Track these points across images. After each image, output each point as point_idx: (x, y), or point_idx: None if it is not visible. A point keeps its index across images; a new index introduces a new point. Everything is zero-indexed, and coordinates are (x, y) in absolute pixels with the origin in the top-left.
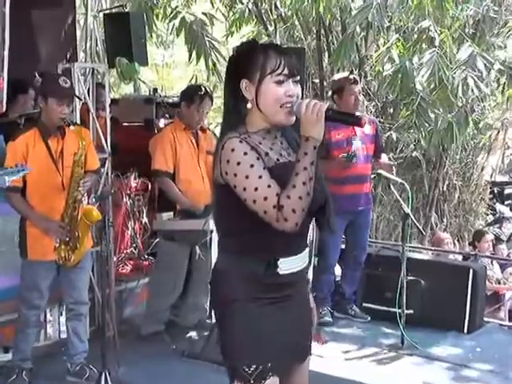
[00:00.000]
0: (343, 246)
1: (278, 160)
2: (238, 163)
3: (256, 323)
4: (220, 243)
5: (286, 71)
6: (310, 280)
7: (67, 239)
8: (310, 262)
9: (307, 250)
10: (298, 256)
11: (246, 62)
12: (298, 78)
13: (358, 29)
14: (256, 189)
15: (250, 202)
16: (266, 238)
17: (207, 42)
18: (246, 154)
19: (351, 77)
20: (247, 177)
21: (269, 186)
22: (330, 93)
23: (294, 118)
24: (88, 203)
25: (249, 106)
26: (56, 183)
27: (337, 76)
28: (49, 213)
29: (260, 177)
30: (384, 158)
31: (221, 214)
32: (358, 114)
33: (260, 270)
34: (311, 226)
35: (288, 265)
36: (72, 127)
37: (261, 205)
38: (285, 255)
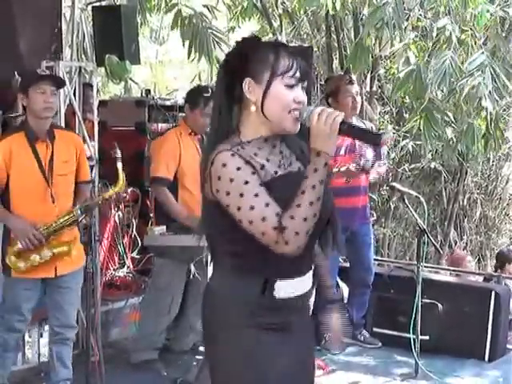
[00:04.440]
0: (347, 265)
1: (276, 173)
2: (231, 180)
3: (251, 352)
4: (213, 262)
5: (298, 74)
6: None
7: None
8: (313, 284)
9: (311, 272)
10: (298, 279)
11: (253, 59)
12: (306, 84)
13: (373, 29)
14: (252, 208)
15: (245, 222)
16: (262, 260)
17: (210, 35)
18: (239, 169)
19: (346, 76)
20: (242, 195)
21: (267, 205)
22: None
23: (299, 125)
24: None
25: (252, 108)
26: (43, 194)
27: (330, 76)
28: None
29: (256, 194)
30: (380, 166)
31: (213, 233)
32: (379, 131)
33: (255, 294)
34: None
35: (286, 288)
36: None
37: (258, 226)
38: (282, 278)
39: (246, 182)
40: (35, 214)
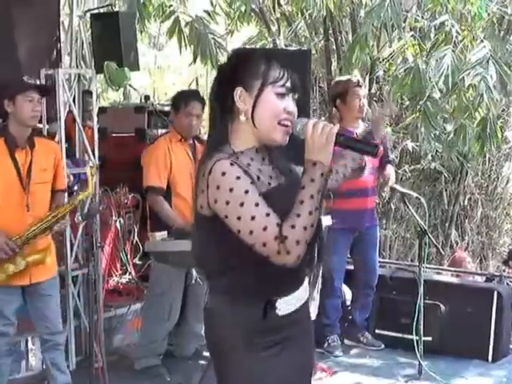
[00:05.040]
0: (351, 267)
1: (269, 184)
2: (231, 189)
3: (252, 371)
4: (208, 284)
5: (288, 84)
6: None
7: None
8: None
9: (306, 281)
10: (297, 292)
11: (244, 68)
12: (297, 96)
13: (371, 28)
14: (253, 218)
15: (245, 233)
16: (261, 277)
17: (211, 40)
18: (238, 178)
19: (355, 79)
20: (242, 204)
21: (267, 215)
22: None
23: (287, 138)
24: (74, 222)
25: (242, 118)
26: (19, 202)
27: (338, 79)
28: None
29: (257, 204)
30: (389, 169)
31: (206, 250)
32: (374, 142)
33: (257, 315)
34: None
35: (288, 304)
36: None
37: (259, 236)
38: (283, 294)
39: (247, 192)
40: (9, 222)
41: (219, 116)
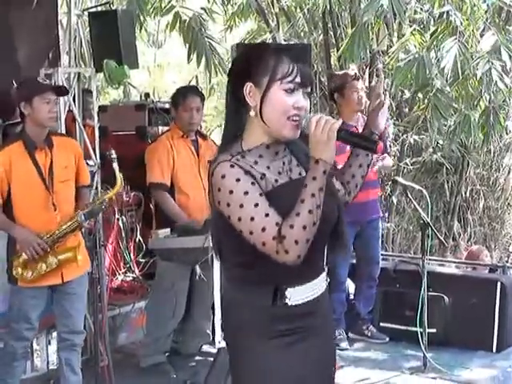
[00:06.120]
0: (353, 260)
1: (276, 181)
2: (231, 192)
3: (267, 361)
4: (224, 272)
5: (298, 79)
6: None
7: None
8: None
9: (323, 274)
10: (310, 283)
11: (254, 64)
12: (309, 90)
13: (372, 20)
14: (252, 218)
15: (246, 233)
16: (268, 269)
17: (207, 43)
18: (238, 180)
19: (352, 72)
20: (241, 206)
21: (267, 215)
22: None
23: (299, 132)
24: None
25: (251, 113)
26: (45, 202)
27: (337, 72)
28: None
29: (256, 205)
30: (388, 160)
31: (221, 242)
32: (374, 138)
33: (267, 302)
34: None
35: (299, 294)
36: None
37: (258, 236)
38: (293, 285)
39: (246, 193)
40: (38, 223)
41: (233, 110)
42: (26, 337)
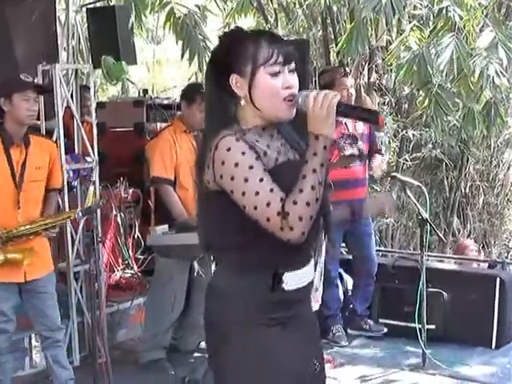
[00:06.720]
0: (350, 257)
1: (277, 159)
2: (236, 164)
3: (263, 349)
4: (215, 259)
5: (280, 59)
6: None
7: None
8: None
9: (313, 262)
10: (303, 269)
11: (234, 55)
12: (294, 65)
13: (370, 15)
14: (257, 193)
15: (250, 208)
16: (268, 251)
17: (201, 42)
18: (244, 153)
19: (341, 69)
20: (246, 180)
21: (271, 190)
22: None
23: (294, 111)
24: (74, 218)
25: (242, 102)
26: (10, 199)
27: (325, 68)
28: None
29: (261, 179)
30: (378, 160)
31: (213, 225)
32: (374, 108)
33: (263, 287)
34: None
35: (293, 280)
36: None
37: (263, 211)
38: (290, 269)
39: (251, 167)
40: None
41: (217, 100)
42: (4, 329)
